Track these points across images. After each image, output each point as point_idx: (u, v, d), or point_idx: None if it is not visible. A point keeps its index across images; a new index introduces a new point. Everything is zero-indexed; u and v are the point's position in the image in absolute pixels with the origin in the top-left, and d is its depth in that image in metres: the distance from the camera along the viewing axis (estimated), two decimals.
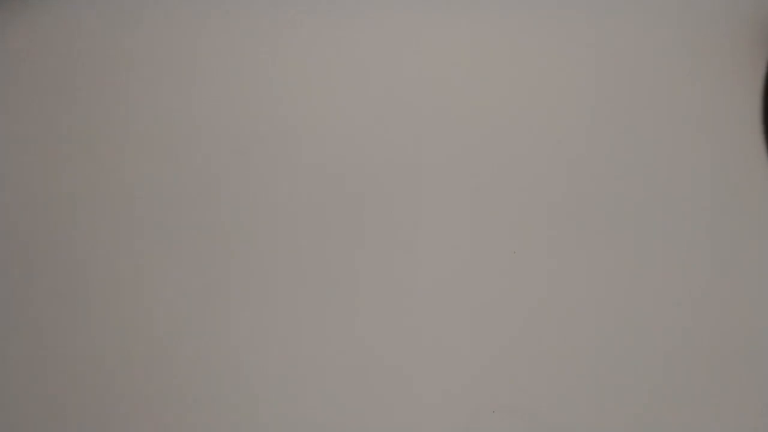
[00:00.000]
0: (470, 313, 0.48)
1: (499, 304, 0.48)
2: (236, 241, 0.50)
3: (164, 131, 0.55)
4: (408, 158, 0.53)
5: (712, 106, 0.56)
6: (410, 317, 0.48)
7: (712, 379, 0.46)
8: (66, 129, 0.49)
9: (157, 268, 0.48)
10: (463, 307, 0.48)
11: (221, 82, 0.56)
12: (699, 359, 0.47)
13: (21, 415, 0.44)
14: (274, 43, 0.58)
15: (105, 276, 0.48)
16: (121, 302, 0.48)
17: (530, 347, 0.47)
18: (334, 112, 0.55)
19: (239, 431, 0.44)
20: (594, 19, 0.60)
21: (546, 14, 0.60)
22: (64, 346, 0.41)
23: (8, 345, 0.39)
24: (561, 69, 0.57)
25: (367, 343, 0.47)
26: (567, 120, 0.55)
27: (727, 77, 0.57)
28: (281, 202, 0.52)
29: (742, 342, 0.47)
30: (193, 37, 0.59)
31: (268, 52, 0.57)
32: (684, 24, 0.60)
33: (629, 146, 0.54)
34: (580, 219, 0.51)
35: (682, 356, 0.47)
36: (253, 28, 0.59)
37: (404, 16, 0.60)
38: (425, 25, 0.59)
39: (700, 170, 0.53)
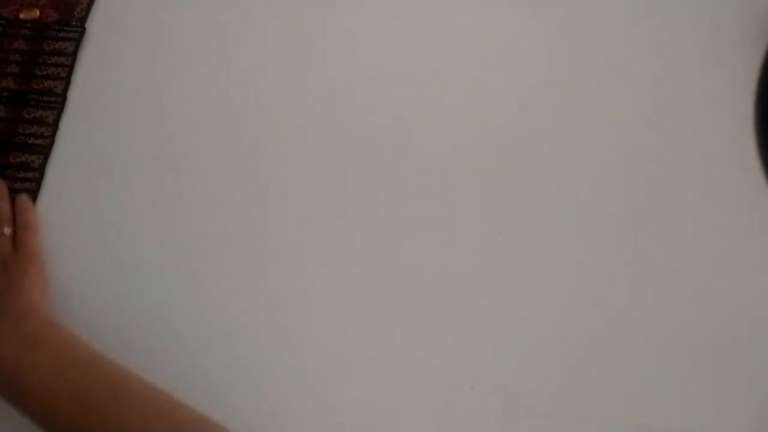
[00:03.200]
0: (455, 293, 0.48)
1: (485, 285, 0.49)
2: (239, 224, 0.50)
3: (161, 115, 0.55)
4: (404, 148, 0.54)
5: (708, 105, 0.56)
6: (395, 295, 0.48)
7: (703, 370, 0.47)
8: None
9: (167, 244, 0.48)
10: (448, 288, 0.48)
11: (221, 65, 0.56)
12: (679, 339, 0.47)
13: None
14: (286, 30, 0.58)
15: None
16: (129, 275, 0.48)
17: (512, 327, 0.47)
18: (328, 102, 0.55)
19: (236, 411, 0.44)
20: (591, 18, 0.60)
21: (545, 12, 0.60)
22: None
23: None
24: (558, 65, 0.57)
25: (351, 320, 0.47)
26: (564, 117, 0.55)
27: (722, 78, 0.57)
28: (277, 182, 0.52)
29: (739, 340, 0.47)
30: (194, 20, 0.58)
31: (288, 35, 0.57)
32: (680, 24, 0.60)
33: (627, 142, 0.54)
34: (573, 212, 0.51)
35: (662, 338, 0.47)
36: (245, 15, 0.58)
37: (408, 8, 0.59)
38: (427, 18, 0.59)
39: (696, 169, 0.54)
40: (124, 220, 0.49)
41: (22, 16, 0.56)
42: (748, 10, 0.59)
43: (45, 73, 0.54)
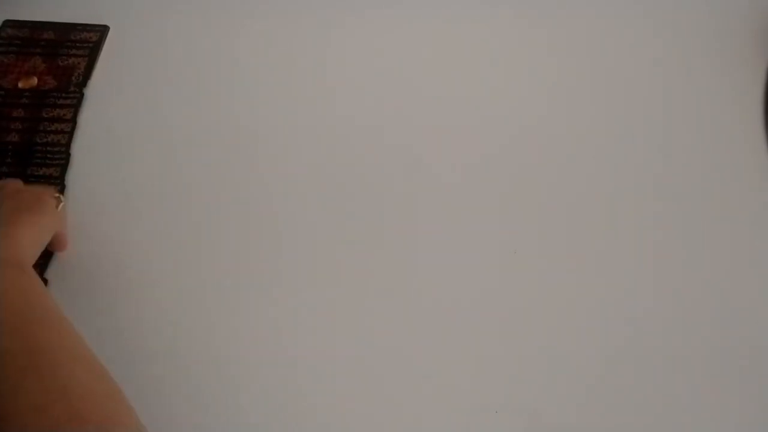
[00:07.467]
0: (474, 314, 0.48)
1: (503, 305, 0.48)
2: (245, 241, 0.50)
3: (169, 135, 0.55)
4: (413, 162, 0.54)
5: (714, 105, 0.56)
6: (414, 317, 0.48)
7: (712, 377, 0.46)
8: None
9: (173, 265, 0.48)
10: (466, 308, 0.48)
11: (222, 85, 0.56)
12: (699, 358, 0.47)
13: None
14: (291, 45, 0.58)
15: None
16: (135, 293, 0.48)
17: (533, 348, 0.47)
18: (336, 116, 0.56)
19: (247, 421, 0.44)
20: (594, 18, 0.60)
21: (547, 14, 0.60)
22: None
23: None
24: (563, 72, 0.57)
25: (372, 342, 0.47)
26: (575, 132, 0.55)
27: (729, 77, 0.57)
28: (283, 200, 0.52)
29: (739, 339, 0.47)
30: (197, 41, 0.59)
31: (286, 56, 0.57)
32: (685, 23, 0.60)
33: (638, 154, 0.54)
34: (588, 227, 0.51)
35: (682, 355, 0.47)
36: (250, 32, 0.59)
37: (405, 20, 0.60)
38: (436, 41, 0.60)
39: (700, 169, 0.54)
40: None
41: (20, 85, 0.56)
42: (754, 14, 0.59)
43: (45, 140, 0.54)
